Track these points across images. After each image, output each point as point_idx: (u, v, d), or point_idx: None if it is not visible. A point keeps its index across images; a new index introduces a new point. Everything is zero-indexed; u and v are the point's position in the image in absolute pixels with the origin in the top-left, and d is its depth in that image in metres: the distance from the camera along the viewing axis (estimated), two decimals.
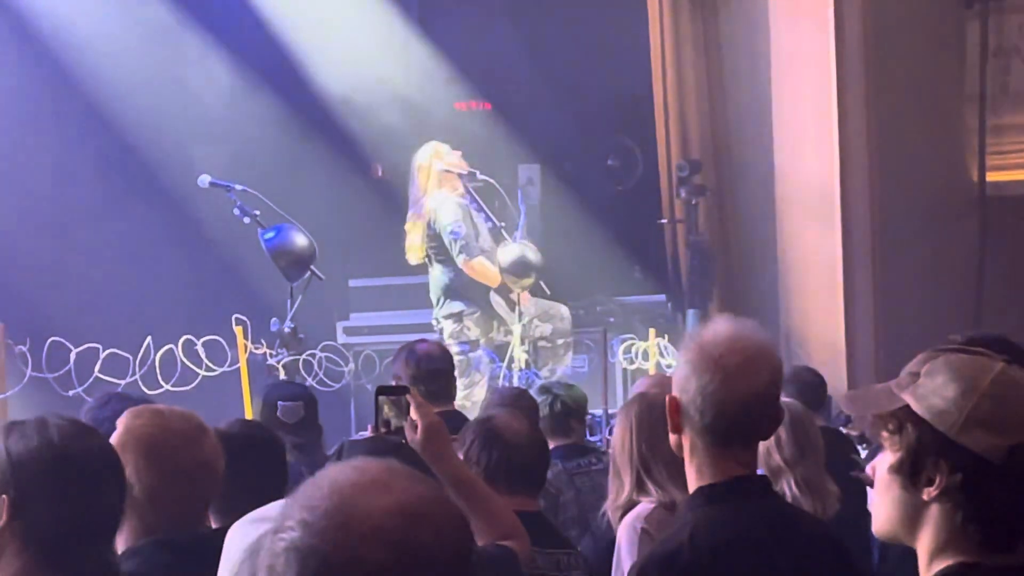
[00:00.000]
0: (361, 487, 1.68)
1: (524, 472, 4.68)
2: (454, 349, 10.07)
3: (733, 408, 3.24)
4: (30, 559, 3.11)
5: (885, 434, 2.51)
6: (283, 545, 1.65)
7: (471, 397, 10.06)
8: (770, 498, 3.42)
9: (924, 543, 2.48)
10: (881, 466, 2.53)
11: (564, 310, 10.83)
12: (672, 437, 3.33)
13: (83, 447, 3.19)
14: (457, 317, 10.48)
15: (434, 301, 10.63)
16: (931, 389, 2.47)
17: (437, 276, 10.56)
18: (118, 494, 3.24)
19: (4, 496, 3.11)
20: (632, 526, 4.56)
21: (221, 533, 3.50)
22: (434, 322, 10.57)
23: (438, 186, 10.42)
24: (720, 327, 3.34)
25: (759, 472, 3.44)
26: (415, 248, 10.50)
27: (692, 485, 3.32)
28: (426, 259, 10.61)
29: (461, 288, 10.47)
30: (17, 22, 11.53)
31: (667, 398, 3.31)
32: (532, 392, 7.23)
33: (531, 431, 4.88)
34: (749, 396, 3.25)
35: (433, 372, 6.59)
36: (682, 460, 3.39)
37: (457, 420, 6.30)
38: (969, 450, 2.41)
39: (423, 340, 6.96)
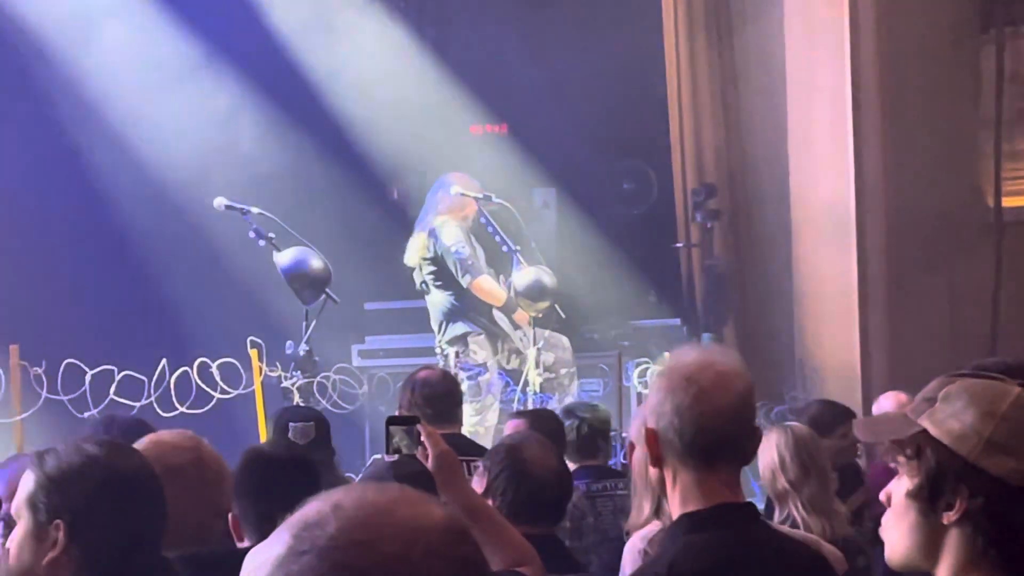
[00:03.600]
0: (385, 506, 1.67)
1: (550, 508, 4.67)
2: (462, 375, 10.09)
3: (712, 422, 3.20)
4: None
5: (902, 459, 2.51)
6: (308, 560, 1.63)
7: (484, 422, 10.05)
8: (755, 525, 3.37)
9: (943, 569, 2.47)
10: (897, 491, 2.53)
11: (565, 340, 10.85)
12: (652, 472, 3.29)
13: (127, 463, 3.19)
14: (461, 340, 10.51)
15: (435, 328, 10.66)
16: (949, 414, 2.47)
17: (437, 301, 10.60)
18: (163, 506, 3.25)
19: (59, 521, 3.10)
20: (635, 546, 4.55)
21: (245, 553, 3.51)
22: (437, 350, 10.59)
23: (447, 211, 10.47)
24: (689, 352, 3.35)
25: (747, 500, 3.41)
26: (411, 252, 10.59)
27: (675, 512, 3.28)
28: (423, 286, 10.65)
29: (463, 310, 10.52)
30: (37, 50, 11.58)
31: (644, 431, 3.28)
32: (560, 413, 7.23)
33: (559, 464, 4.86)
34: (726, 409, 3.22)
35: (432, 397, 6.60)
36: None
37: (462, 444, 6.33)
38: (989, 474, 2.41)
39: (425, 367, 7.01)
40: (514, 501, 4.54)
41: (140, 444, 3.79)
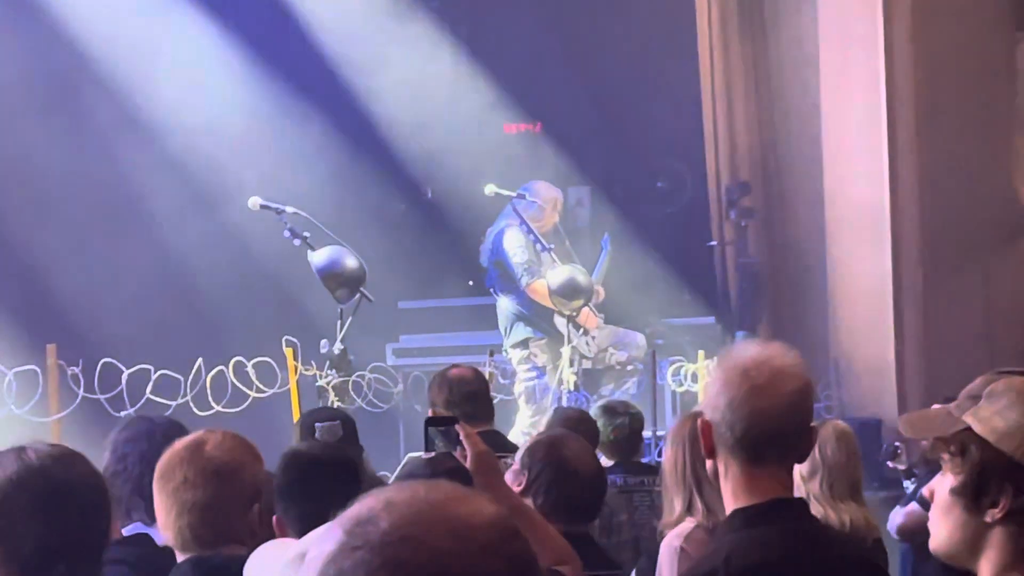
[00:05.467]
0: (435, 503, 1.68)
1: (588, 506, 4.70)
2: (524, 375, 10.26)
3: (762, 419, 3.20)
4: None
5: (946, 456, 2.51)
6: (360, 556, 1.62)
7: (539, 425, 10.09)
8: (807, 521, 3.38)
9: (986, 566, 2.48)
10: (941, 488, 2.53)
11: (640, 338, 10.99)
12: (708, 463, 3.30)
13: (63, 469, 3.22)
14: (524, 344, 10.67)
15: (502, 331, 10.84)
16: (994, 411, 2.48)
17: (504, 306, 10.82)
18: (103, 516, 3.27)
19: None
20: (671, 544, 4.56)
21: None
22: (504, 353, 10.73)
23: (530, 219, 10.63)
24: (748, 346, 3.38)
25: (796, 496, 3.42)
26: (483, 255, 10.90)
27: (728, 507, 3.28)
28: (492, 290, 10.84)
29: (526, 315, 10.66)
30: (74, 51, 11.63)
31: (699, 422, 3.30)
32: (596, 412, 7.26)
33: (597, 462, 4.89)
34: (777, 406, 3.21)
35: (467, 395, 6.66)
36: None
37: (497, 440, 6.36)
38: None
39: (455, 365, 7.02)
40: (556, 499, 4.56)
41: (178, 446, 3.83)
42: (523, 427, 10.07)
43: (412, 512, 1.64)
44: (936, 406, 6.99)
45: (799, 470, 5.13)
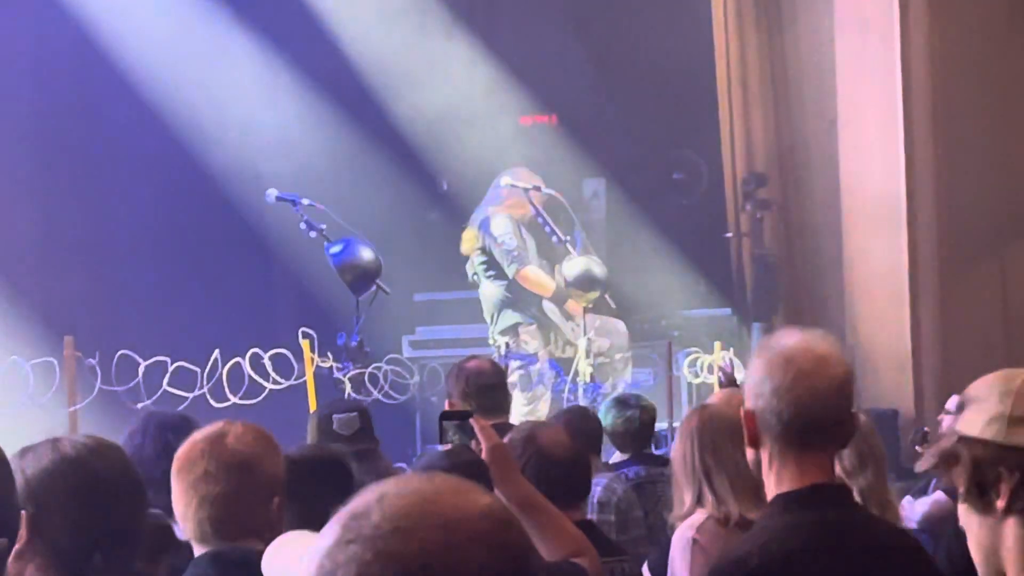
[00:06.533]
0: (436, 495, 1.69)
1: (572, 490, 4.72)
2: (515, 363, 10.17)
3: (809, 404, 3.22)
4: (53, 574, 3.15)
5: (953, 471, 2.53)
6: (353, 550, 1.65)
7: (535, 412, 10.08)
8: (849, 507, 3.39)
9: (1009, 558, 2.49)
10: (960, 506, 2.55)
11: (620, 325, 10.93)
12: (749, 453, 3.31)
13: (98, 460, 3.24)
14: (512, 330, 10.61)
15: (488, 319, 10.78)
16: (974, 409, 2.52)
17: (488, 293, 10.73)
18: (137, 505, 3.29)
19: (24, 512, 3.16)
20: (683, 535, 4.57)
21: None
22: (491, 340, 10.67)
23: (505, 206, 10.57)
24: (790, 333, 3.37)
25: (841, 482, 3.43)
26: (465, 243, 10.76)
27: (771, 494, 3.30)
28: (475, 277, 10.76)
29: (514, 301, 10.60)
30: (93, 45, 11.66)
31: (741, 412, 3.30)
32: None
33: (574, 447, 4.90)
34: (824, 392, 3.23)
35: (484, 387, 6.62)
36: (746, 473, 3.39)
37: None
38: (1021, 448, 2.45)
39: (473, 357, 7.02)
40: (537, 487, 4.60)
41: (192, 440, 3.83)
42: (520, 415, 10.03)
43: (404, 505, 1.67)
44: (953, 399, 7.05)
45: (840, 463, 5.13)
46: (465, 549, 1.64)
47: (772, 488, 3.29)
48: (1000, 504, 2.45)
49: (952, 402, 8.27)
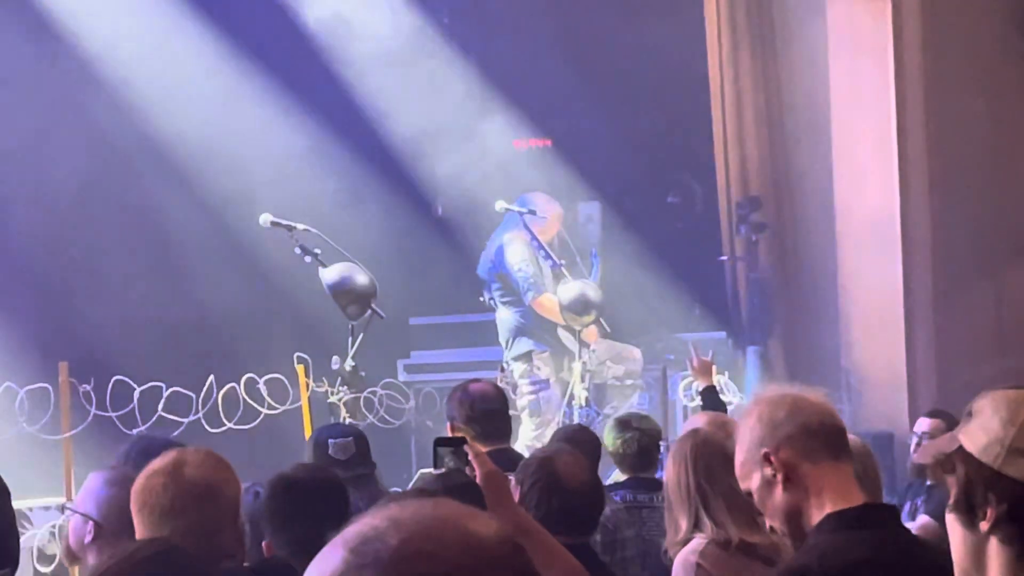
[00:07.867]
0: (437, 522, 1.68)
1: (583, 518, 4.71)
2: (527, 388, 10.22)
3: (822, 412, 3.44)
4: None
5: (949, 478, 2.55)
6: (370, 574, 1.61)
7: (542, 438, 10.06)
8: (898, 527, 3.50)
9: None
10: (948, 514, 2.57)
11: (637, 352, 11.01)
12: (779, 498, 3.43)
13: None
14: (526, 357, 10.64)
15: (503, 343, 10.81)
16: (978, 424, 2.53)
17: (504, 318, 10.77)
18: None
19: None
20: (687, 560, 4.55)
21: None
22: (505, 365, 10.70)
23: (517, 230, 10.64)
24: (766, 389, 3.60)
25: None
26: (481, 266, 10.94)
27: (815, 517, 3.38)
28: (491, 302, 10.79)
29: (529, 328, 10.64)
30: (88, 68, 11.67)
31: (769, 458, 3.40)
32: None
33: (591, 476, 4.89)
34: (825, 406, 3.47)
35: (488, 412, 6.48)
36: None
37: (511, 458, 6.30)
38: (1014, 480, 2.45)
39: (476, 380, 6.88)
40: (547, 512, 4.58)
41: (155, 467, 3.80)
42: (527, 440, 10.03)
43: (423, 528, 1.64)
44: (922, 419, 7.13)
45: None
46: (490, 572, 1.63)
47: (815, 514, 3.38)
48: (983, 527, 2.46)
49: (921, 424, 8.38)
